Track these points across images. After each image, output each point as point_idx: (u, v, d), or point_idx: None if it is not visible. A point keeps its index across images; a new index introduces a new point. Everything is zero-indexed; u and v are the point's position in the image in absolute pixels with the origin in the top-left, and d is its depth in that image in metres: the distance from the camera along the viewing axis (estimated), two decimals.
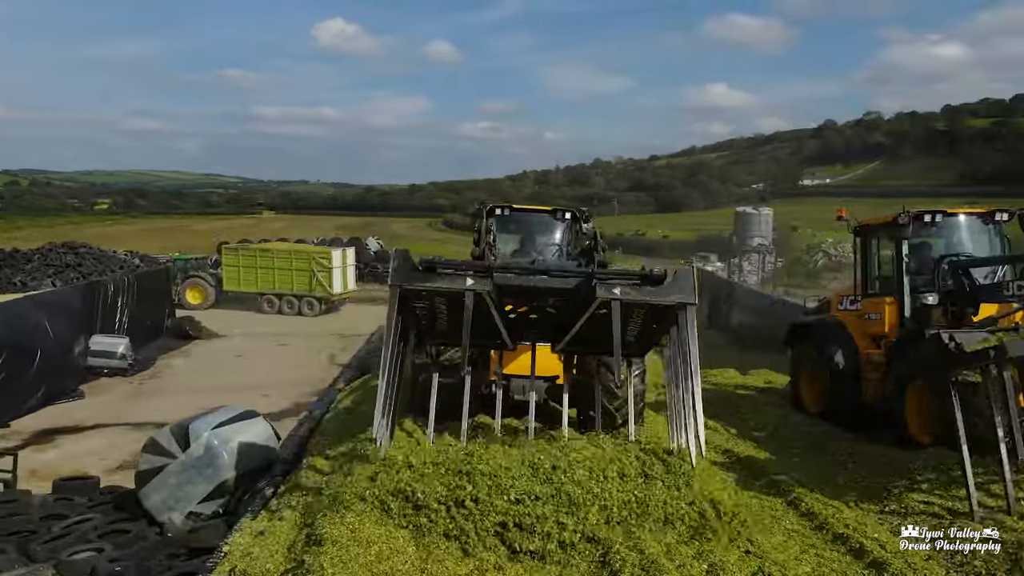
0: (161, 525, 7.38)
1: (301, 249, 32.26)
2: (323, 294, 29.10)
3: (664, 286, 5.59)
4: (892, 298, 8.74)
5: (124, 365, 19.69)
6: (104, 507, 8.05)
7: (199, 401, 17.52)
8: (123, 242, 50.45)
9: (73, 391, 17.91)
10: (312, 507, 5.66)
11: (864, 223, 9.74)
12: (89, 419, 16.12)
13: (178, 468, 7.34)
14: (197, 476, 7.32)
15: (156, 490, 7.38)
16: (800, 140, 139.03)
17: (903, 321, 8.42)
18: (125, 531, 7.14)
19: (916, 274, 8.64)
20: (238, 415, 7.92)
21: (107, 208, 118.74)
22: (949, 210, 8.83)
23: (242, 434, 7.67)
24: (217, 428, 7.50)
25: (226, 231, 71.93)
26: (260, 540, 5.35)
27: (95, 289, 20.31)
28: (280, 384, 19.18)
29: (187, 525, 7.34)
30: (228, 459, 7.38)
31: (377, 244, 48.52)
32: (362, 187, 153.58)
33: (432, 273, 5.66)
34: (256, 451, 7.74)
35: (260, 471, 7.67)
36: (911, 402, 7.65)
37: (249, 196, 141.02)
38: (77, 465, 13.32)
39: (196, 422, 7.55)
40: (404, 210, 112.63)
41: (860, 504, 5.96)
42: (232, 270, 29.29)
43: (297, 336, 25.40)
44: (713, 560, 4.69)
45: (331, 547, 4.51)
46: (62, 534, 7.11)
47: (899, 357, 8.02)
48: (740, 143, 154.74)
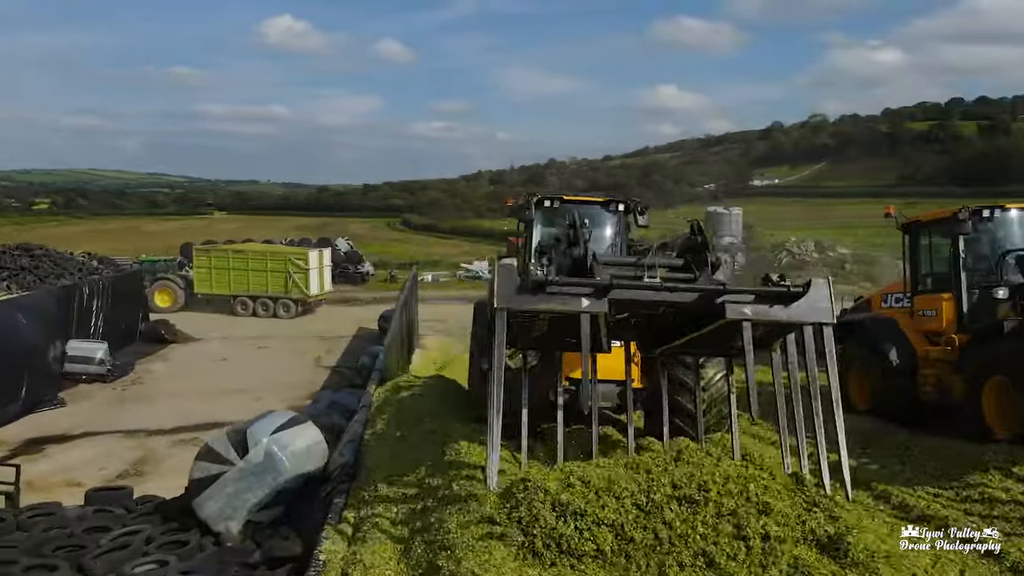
0: (216, 535, 7.16)
1: (277, 250, 31.68)
2: (299, 295, 28.61)
3: (798, 304, 5.08)
4: (949, 294, 8.79)
5: (103, 371, 19.03)
6: (144, 517, 7.77)
7: (188, 406, 17.15)
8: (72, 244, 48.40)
9: (53, 399, 17.23)
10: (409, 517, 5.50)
11: (914, 220, 9.77)
12: (77, 427, 15.53)
13: (236, 475, 7.10)
14: (256, 483, 7.09)
15: (212, 498, 7.12)
16: (748, 141, 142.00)
17: (961, 317, 8.57)
18: (183, 542, 6.89)
19: (972, 270, 8.72)
20: (290, 420, 7.70)
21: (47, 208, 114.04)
22: (1006, 205, 8.89)
23: (298, 439, 7.47)
24: (275, 433, 7.28)
25: (179, 232, 69.96)
26: (364, 548, 5.20)
27: (71, 293, 19.57)
28: (271, 387, 18.80)
29: (244, 534, 7.14)
30: (288, 465, 7.17)
31: (347, 245, 47.84)
32: (315, 187, 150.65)
33: (542, 292, 5.09)
34: (312, 457, 7.55)
35: (317, 477, 7.49)
36: (988, 397, 7.66)
37: (197, 196, 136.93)
38: (75, 476, 12.83)
39: (253, 427, 7.32)
40: (360, 210, 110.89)
41: (944, 496, 5.97)
42: (203, 272, 28.58)
43: (277, 339, 24.92)
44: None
45: (467, 553, 4.37)
46: (114, 547, 6.83)
47: (973, 352, 8.06)
48: (691, 144, 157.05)
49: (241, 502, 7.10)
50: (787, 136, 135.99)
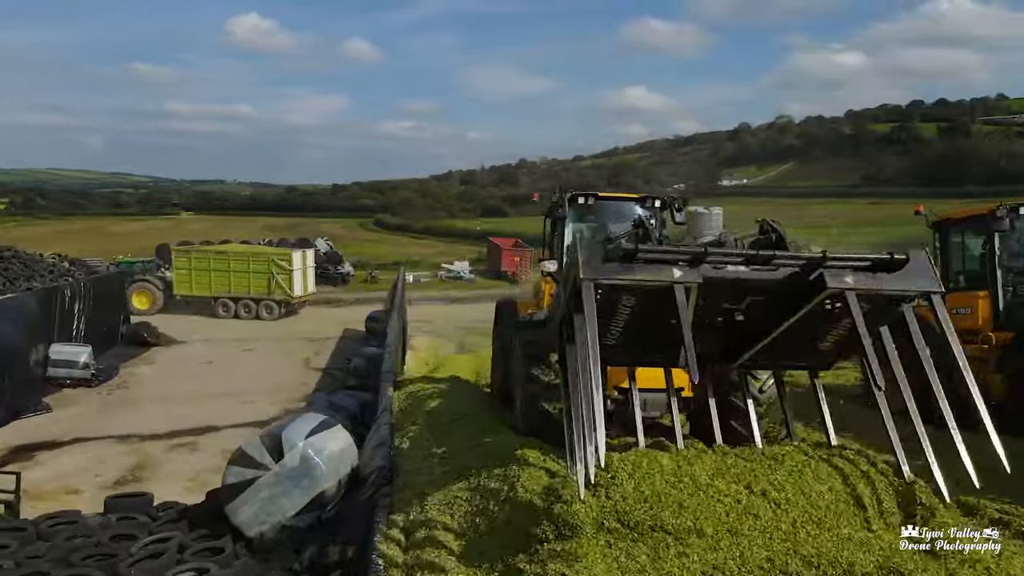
0: (249, 541, 7.03)
1: (259, 251, 31.18)
2: (283, 297, 28.20)
3: (901, 272, 4.73)
4: (985, 292, 8.82)
5: (87, 375, 18.57)
6: (169, 524, 7.60)
7: (178, 410, 16.81)
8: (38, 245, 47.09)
9: (38, 404, 16.76)
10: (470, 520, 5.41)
11: (946, 217, 9.78)
12: (66, 433, 15.12)
13: (271, 480, 6.97)
14: (293, 488, 6.96)
15: (246, 504, 6.98)
16: (717, 142, 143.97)
17: (998, 315, 8.65)
18: (218, 549, 6.75)
19: (1007, 267, 8.79)
20: (321, 423, 7.59)
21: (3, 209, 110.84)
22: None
23: (331, 442, 7.36)
24: (310, 436, 7.17)
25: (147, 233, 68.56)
26: (425, 553, 5.13)
27: (52, 295, 19.03)
28: (261, 390, 18.52)
29: (279, 540, 7.02)
30: (324, 469, 7.06)
31: (327, 245, 47.28)
32: (283, 187, 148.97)
33: (631, 263, 4.58)
34: (345, 460, 7.44)
35: (351, 481, 7.39)
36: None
37: (162, 196, 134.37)
38: (70, 483, 12.50)
39: (287, 431, 7.19)
40: (329, 210, 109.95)
41: None
42: (183, 273, 28.03)
43: (262, 341, 24.54)
44: None
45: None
46: (147, 555, 6.67)
47: (1016, 350, 8.11)
48: (660, 144, 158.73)
49: (276, 507, 6.98)
50: (754, 137, 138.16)
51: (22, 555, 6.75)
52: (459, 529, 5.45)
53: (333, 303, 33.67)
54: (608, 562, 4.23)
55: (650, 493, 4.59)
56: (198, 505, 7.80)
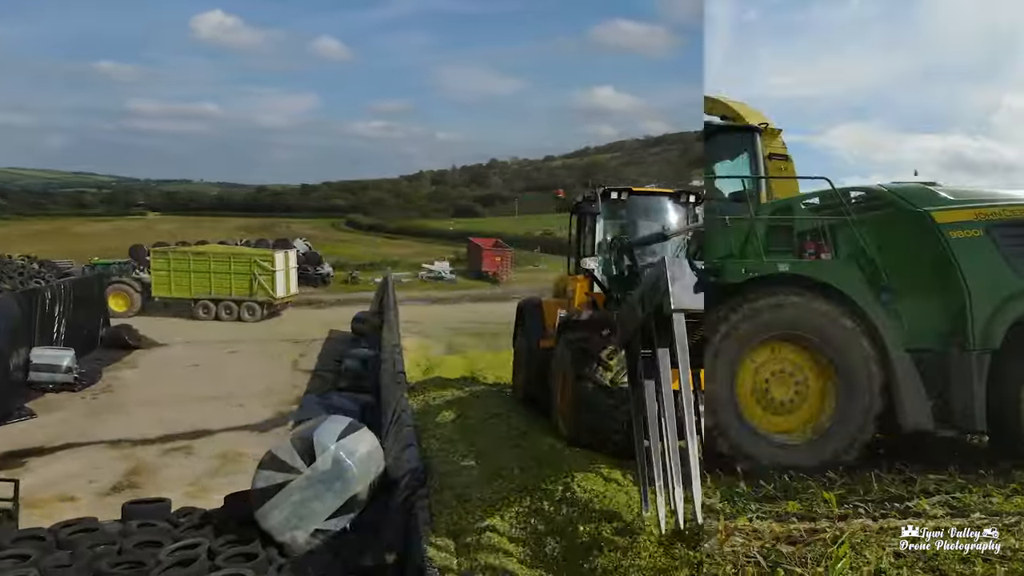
0: (280, 545, 6.92)
1: (240, 251, 30.63)
2: (265, 298, 27.76)
3: None
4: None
5: (70, 379, 18.12)
6: (192, 530, 7.45)
7: (167, 415, 16.47)
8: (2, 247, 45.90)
9: (21, 410, 16.29)
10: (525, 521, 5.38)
11: None
12: (54, 439, 14.72)
13: (303, 484, 6.87)
14: (325, 491, 6.87)
15: (277, 508, 6.87)
16: (686, 143, 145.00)
17: None
18: (251, 555, 6.63)
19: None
20: (349, 425, 7.49)
21: None
22: None
23: (360, 445, 7.27)
24: (342, 439, 7.07)
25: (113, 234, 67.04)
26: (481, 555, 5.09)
27: (32, 298, 18.52)
28: (250, 393, 18.25)
29: (311, 544, 6.91)
30: (356, 472, 6.97)
31: (305, 246, 46.71)
32: (251, 187, 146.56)
33: None
34: (374, 462, 7.36)
35: (381, 484, 7.31)
36: None
37: (127, 196, 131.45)
38: (65, 490, 12.16)
39: (319, 432, 7.09)
40: (299, 211, 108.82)
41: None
42: (162, 274, 27.45)
43: (246, 343, 24.12)
44: None
45: None
46: (176, 561, 6.53)
47: None
48: (631, 144, 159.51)
49: (308, 511, 6.88)
50: None
51: (45, 564, 6.56)
52: (512, 532, 5.42)
53: (315, 304, 33.27)
54: None
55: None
56: (221, 510, 7.64)
